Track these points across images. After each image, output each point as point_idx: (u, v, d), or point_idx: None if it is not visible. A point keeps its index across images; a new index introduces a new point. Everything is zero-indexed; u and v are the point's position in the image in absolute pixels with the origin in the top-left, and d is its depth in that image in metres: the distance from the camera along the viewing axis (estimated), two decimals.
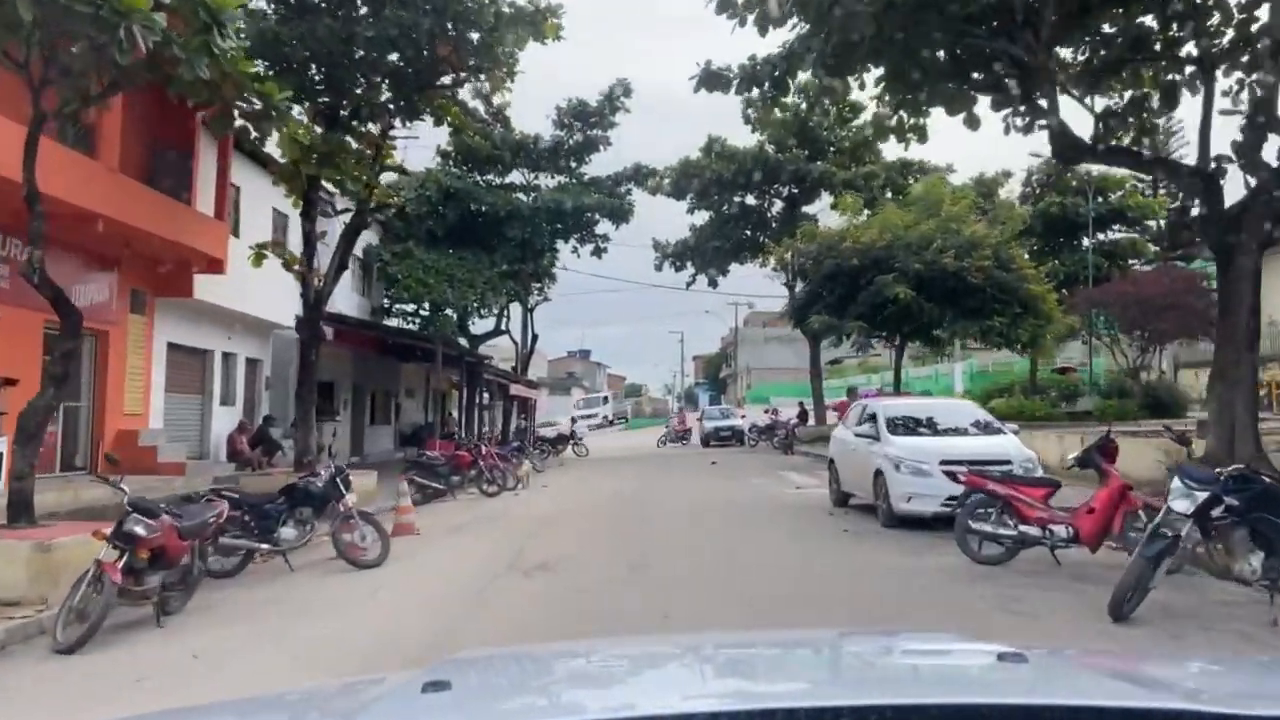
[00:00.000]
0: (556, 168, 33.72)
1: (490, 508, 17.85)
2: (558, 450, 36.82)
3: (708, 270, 39.76)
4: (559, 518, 15.57)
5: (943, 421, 13.70)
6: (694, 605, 8.54)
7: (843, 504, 15.18)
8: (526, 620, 8.13)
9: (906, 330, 24.84)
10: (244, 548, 10.75)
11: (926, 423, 13.66)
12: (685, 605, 8.49)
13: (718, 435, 41.26)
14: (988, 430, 13.36)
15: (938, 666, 2.10)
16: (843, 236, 24.52)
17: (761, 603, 8.59)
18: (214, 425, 21.26)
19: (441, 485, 20.15)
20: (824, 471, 23.68)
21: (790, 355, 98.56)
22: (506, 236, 30.84)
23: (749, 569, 10.39)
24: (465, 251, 30.20)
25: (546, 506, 17.63)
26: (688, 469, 27.41)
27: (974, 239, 23.40)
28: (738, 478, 23.01)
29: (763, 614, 8.01)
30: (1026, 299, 23.57)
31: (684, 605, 8.49)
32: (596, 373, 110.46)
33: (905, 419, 13.68)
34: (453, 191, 30.02)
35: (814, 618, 7.95)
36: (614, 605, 8.65)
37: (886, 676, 2.04)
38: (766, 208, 39.24)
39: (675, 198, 39.35)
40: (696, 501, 17.26)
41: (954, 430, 13.48)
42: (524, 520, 15.44)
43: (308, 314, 17.16)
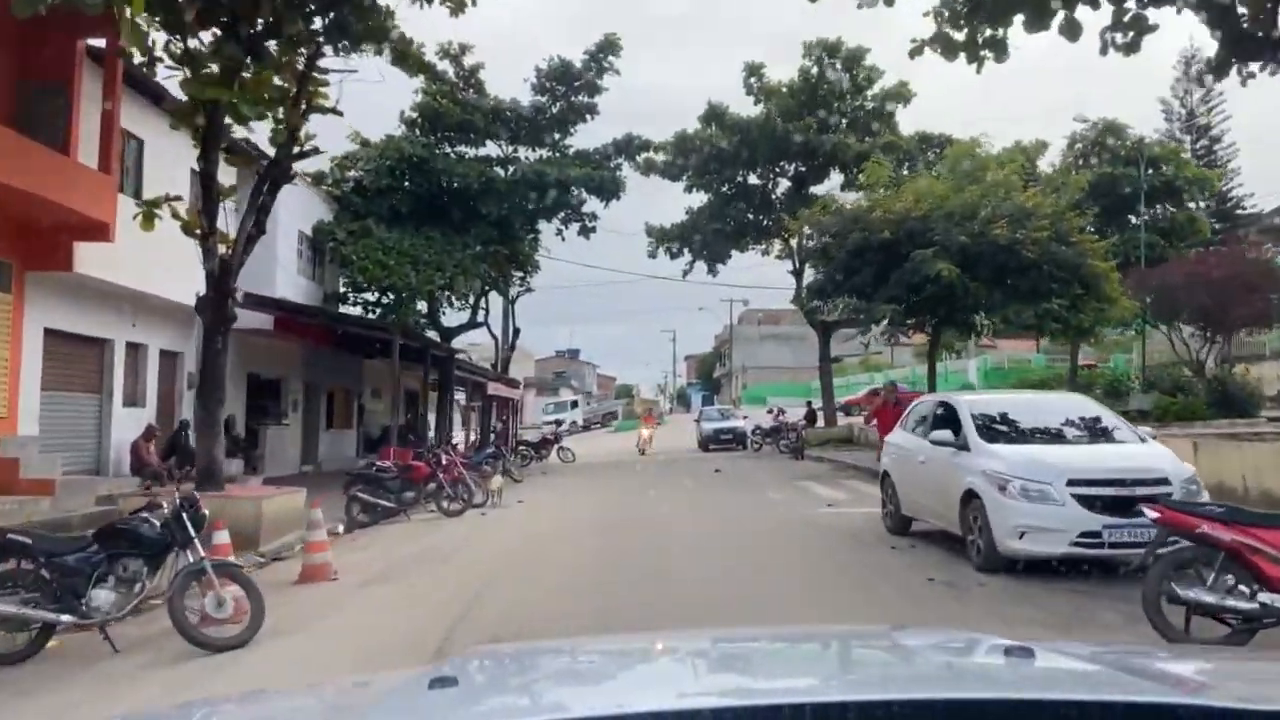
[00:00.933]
0: (538, 140, 29.98)
1: (447, 534, 14.13)
2: (541, 455, 33.20)
3: (706, 257, 36.05)
4: (531, 553, 11.85)
5: (1053, 422, 10.03)
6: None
7: (903, 531, 11.54)
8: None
9: (946, 315, 21.18)
10: (35, 619, 7.04)
11: (1030, 424, 9.98)
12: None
13: (717, 438, 37.54)
14: (1119, 436, 9.68)
15: (945, 662, 2.07)
16: (872, 206, 20.84)
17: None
18: (115, 431, 17.48)
19: (392, 503, 16.47)
20: (853, 483, 20.07)
21: (787, 354, 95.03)
22: (480, 214, 27.11)
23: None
24: (433, 231, 26.45)
25: (517, 533, 13.92)
26: (687, 477, 23.71)
27: (1028, 207, 19.77)
28: (750, 490, 19.32)
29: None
30: (1088, 278, 19.98)
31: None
32: (586, 372, 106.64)
33: (1001, 419, 10.00)
34: (417, 162, 26.25)
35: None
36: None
37: (894, 672, 2.02)
38: (771, 188, 35.56)
39: (670, 178, 35.72)
40: (707, 526, 13.56)
41: (1072, 435, 9.81)
42: (484, 556, 11.72)
43: (211, 290, 13.40)
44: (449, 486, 16.95)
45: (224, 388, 13.96)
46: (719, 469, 25.61)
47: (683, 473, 25.64)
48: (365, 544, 13.50)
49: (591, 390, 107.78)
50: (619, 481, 23.68)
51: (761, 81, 32.97)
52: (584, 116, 29.81)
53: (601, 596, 8.80)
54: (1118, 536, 8.20)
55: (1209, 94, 37.43)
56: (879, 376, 68.52)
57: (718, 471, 25.05)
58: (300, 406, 26.36)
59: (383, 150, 26.03)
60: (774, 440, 34.82)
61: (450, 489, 16.94)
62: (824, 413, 36.03)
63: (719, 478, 23.17)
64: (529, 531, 13.89)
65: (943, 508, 10.06)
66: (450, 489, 16.94)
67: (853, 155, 29.84)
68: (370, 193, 26.48)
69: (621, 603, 8.47)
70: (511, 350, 38.38)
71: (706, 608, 8.13)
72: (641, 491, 20.19)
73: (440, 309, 29.19)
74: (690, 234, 35.61)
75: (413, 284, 23.97)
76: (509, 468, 25.07)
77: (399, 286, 23.81)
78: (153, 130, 16.76)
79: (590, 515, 15.63)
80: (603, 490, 20.90)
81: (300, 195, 24.08)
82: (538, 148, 30.22)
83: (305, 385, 26.78)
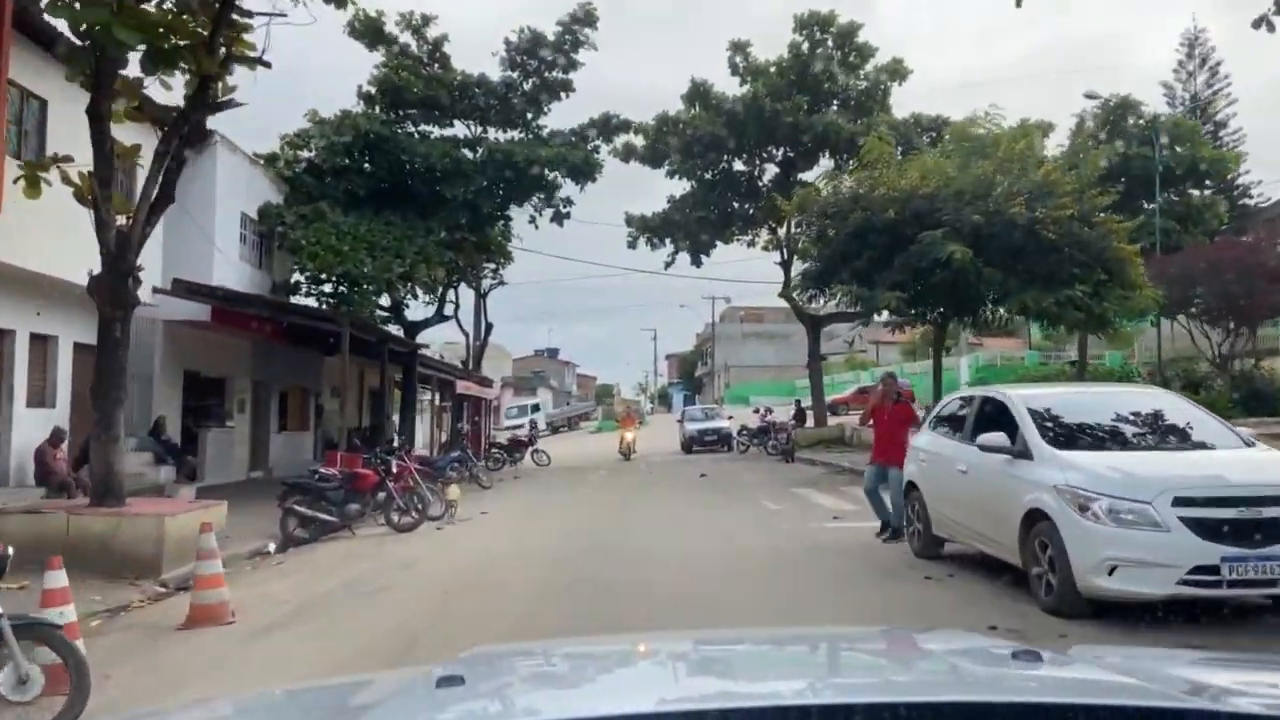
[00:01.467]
0: (509, 119, 27.84)
1: (391, 555, 12.01)
2: (514, 459, 31.11)
3: (689, 247, 34.00)
4: (485, 585, 9.74)
5: (1132, 422, 8.01)
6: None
7: (934, 554, 9.56)
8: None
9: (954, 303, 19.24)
10: None
11: (1104, 425, 7.98)
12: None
13: (701, 439, 35.58)
14: (1218, 440, 7.68)
15: (951, 665, 2.05)
16: (874, 183, 18.84)
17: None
18: (16, 435, 15.27)
19: (333, 517, 14.36)
20: (855, 490, 18.02)
21: (771, 352, 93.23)
22: (445, 197, 24.96)
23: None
24: (394, 216, 24.29)
25: (473, 556, 11.80)
26: (671, 484, 21.68)
27: (1048, 183, 17.84)
28: (743, 500, 17.30)
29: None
30: (1112, 263, 18.09)
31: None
32: (565, 372, 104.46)
33: (1068, 418, 7.99)
34: (376, 140, 24.08)
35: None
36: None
37: (901, 674, 2.02)
38: (757, 175, 33.56)
39: (651, 164, 33.67)
40: (699, 548, 11.49)
41: (1161, 439, 7.82)
42: (428, 587, 9.62)
43: (106, 268, 11.20)
44: (400, 497, 14.84)
45: (124, 385, 11.71)
46: (705, 473, 23.58)
47: (666, 478, 23.59)
48: (292, 569, 11.37)
49: (571, 390, 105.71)
50: (595, 489, 21.62)
51: (748, 60, 30.97)
52: (558, 94, 27.69)
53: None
54: (1242, 572, 6.24)
55: (1213, 78, 35.78)
56: (866, 375, 66.95)
57: (704, 476, 23.04)
58: (249, 407, 24.13)
59: (337, 126, 23.81)
60: (761, 441, 32.88)
61: (401, 500, 14.83)
62: (814, 412, 34.13)
63: (706, 484, 21.14)
64: (487, 554, 11.78)
65: (993, 530, 8.06)
66: (401, 500, 14.83)
67: (845, 137, 27.86)
68: (325, 174, 24.29)
69: None
70: (483, 346, 36.25)
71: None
72: (620, 501, 18.14)
73: (403, 301, 26.98)
74: (673, 223, 33.56)
75: (368, 272, 21.77)
76: (476, 473, 23.00)
77: (353, 274, 21.62)
78: (59, 91, 14.54)
79: (560, 532, 13.55)
80: (577, 499, 18.82)
81: (243, 173, 21.89)
82: (509, 128, 28.09)
83: (255, 384, 24.55)
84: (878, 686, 1.82)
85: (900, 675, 2.00)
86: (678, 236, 33.22)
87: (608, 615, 7.72)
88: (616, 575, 9.70)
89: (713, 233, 33.57)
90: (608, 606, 8.16)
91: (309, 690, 2.32)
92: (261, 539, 13.86)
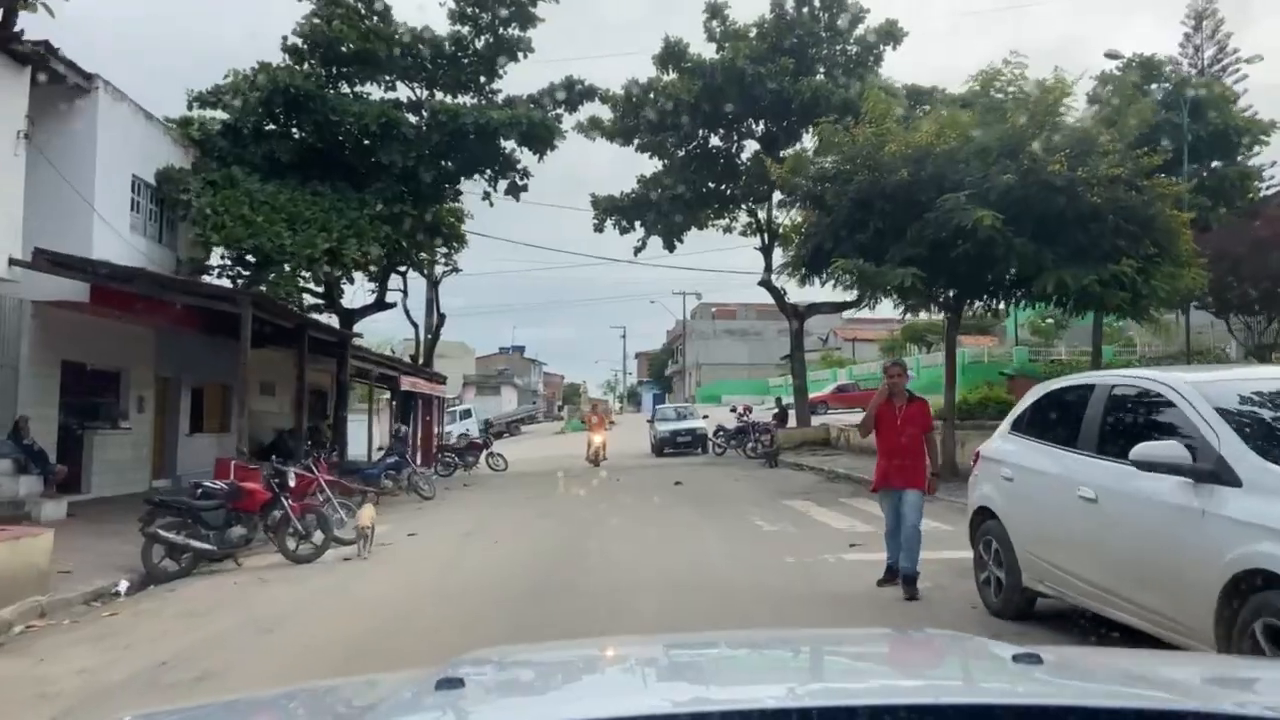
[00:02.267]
0: (459, 82, 24.69)
1: (256, 607, 8.83)
2: (467, 463, 27.98)
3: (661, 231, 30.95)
4: (377, 653, 6.59)
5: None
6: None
7: (1024, 613, 6.61)
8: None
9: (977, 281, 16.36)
10: None
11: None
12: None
13: (674, 441, 32.54)
14: None
15: (951, 667, 2.06)
16: (881, 140, 15.89)
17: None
18: None
19: (210, 544, 11.23)
20: (860, 503, 15.15)
21: (743, 350, 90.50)
22: (382, 165, 21.76)
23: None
24: (323, 185, 21.07)
25: (373, 606, 8.64)
26: (643, 495, 18.64)
27: (1090, 137, 15.01)
28: (728, 516, 14.27)
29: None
30: (1162, 234, 15.30)
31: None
32: (531, 371, 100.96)
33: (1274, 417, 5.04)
34: (299, 97, 20.80)
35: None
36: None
37: (901, 676, 2.01)
38: (736, 152, 30.57)
39: (619, 140, 30.60)
40: (682, 591, 8.41)
41: None
42: (277, 671, 6.47)
43: None
44: (298, 519, 11.68)
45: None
46: (680, 481, 20.58)
47: (637, 487, 20.55)
48: (119, 626, 8.20)
49: (538, 390, 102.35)
50: (554, 501, 18.53)
51: (725, 25, 27.98)
52: (514, 54, 24.55)
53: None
54: None
55: (1221, 51, 33.32)
56: (842, 373, 64.31)
57: (679, 485, 20.04)
58: (150, 406, 20.79)
59: (253, 81, 20.52)
60: (740, 443, 29.95)
61: (300, 522, 11.67)
62: (796, 411, 31.26)
63: (684, 494, 18.13)
64: (394, 603, 8.65)
65: (1154, 595, 5.10)
66: (300, 522, 11.67)
67: (836, 104, 24.92)
68: (246, 138, 21.02)
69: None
70: (435, 339, 33.03)
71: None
72: (582, 518, 15.05)
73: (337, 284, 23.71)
74: (643, 204, 30.48)
75: (287, 247, 18.52)
76: (416, 482, 19.84)
77: (266, 250, 18.35)
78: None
79: (502, 565, 10.46)
80: (530, 515, 15.73)
81: (136, 129, 18.53)
82: (459, 93, 24.93)
83: (159, 379, 21.21)
84: (878, 688, 1.81)
85: (900, 677, 1.98)
86: (649, 219, 30.14)
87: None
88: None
89: (687, 215, 30.49)
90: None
91: (308, 691, 2.26)
92: (118, 573, 10.76)
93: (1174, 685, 1.73)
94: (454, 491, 22.06)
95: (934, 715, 1.39)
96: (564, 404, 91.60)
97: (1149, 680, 1.75)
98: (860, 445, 27.62)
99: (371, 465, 19.74)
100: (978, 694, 1.63)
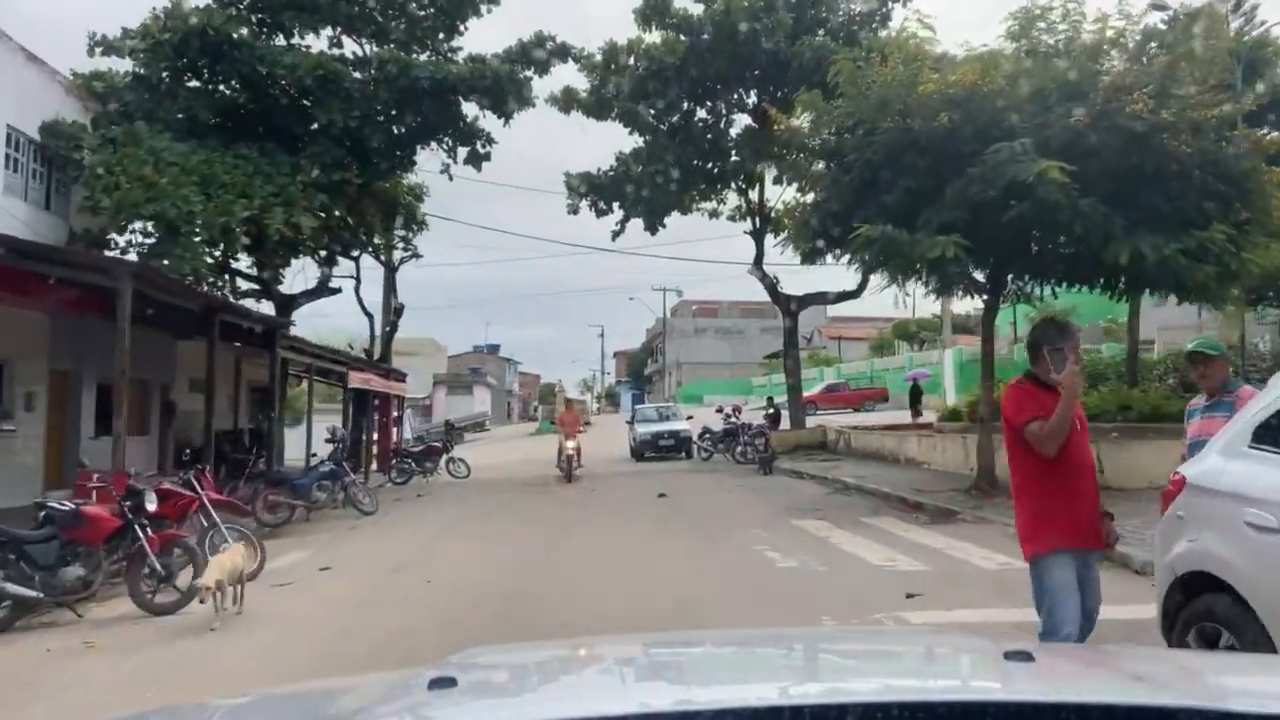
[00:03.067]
0: (414, 36, 21.66)
1: (52, 691, 5.86)
2: (426, 470, 24.99)
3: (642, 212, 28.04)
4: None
5: None
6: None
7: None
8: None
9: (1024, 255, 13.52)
10: None
11: None
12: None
13: (655, 444, 29.63)
14: None
15: (943, 664, 2.00)
16: (913, 79, 13.00)
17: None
18: None
19: (33, 590, 8.25)
20: (887, 524, 12.29)
21: (725, 349, 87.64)
22: (320, 124, 18.74)
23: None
24: (252, 148, 18.01)
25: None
26: (621, 511, 15.73)
27: (1172, 75, 12.21)
28: (728, 541, 11.35)
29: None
30: (1255, 195, 12.55)
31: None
32: (506, 370, 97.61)
33: None
34: (219, 42, 17.70)
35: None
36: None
37: (894, 674, 1.94)
38: (725, 126, 27.70)
39: (595, 114, 27.69)
40: None
41: None
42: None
43: None
44: (155, 555, 8.66)
45: None
46: (664, 493, 17.66)
47: (613, 500, 17.62)
48: None
49: (513, 390, 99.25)
50: (514, 517, 15.55)
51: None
52: (477, 7, 21.56)
53: None
54: None
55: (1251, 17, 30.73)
56: (830, 372, 61.64)
57: (664, 497, 17.15)
58: (42, 403, 17.64)
59: (163, 23, 17.41)
60: (728, 447, 27.11)
61: (158, 560, 8.65)
62: (790, 412, 28.44)
63: (670, 509, 15.25)
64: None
65: None
66: (158, 560, 8.65)
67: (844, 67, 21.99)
68: (159, 92, 17.93)
69: None
70: (392, 331, 29.95)
71: None
72: (546, 542, 12.07)
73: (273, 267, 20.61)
74: (622, 183, 27.53)
75: (196, 214, 15.44)
76: (354, 495, 16.82)
77: (170, 217, 15.25)
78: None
79: (424, 625, 7.48)
80: (482, 539, 12.78)
81: (9, 70, 15.40)
82: (414, 50, 21.89)
83: (55, 373, 18.06)
84: (869, 686, 1.79)
85: (894, 674, 1.94)
86: (628, 199, 27.20)
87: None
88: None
89: (669, 199, 27.53)
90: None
91: (300, 691, 2.23)
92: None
93: (1165, 682, 1.69)
94: (403, 504, 19.08)
95: (925, 713, 1.33)
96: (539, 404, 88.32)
97: (1141, 678, 1.70)
98: (865, 450, 24.80)
99: (301, 475, 16.68)
100: (969, 691, 1.61)
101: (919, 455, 20.47)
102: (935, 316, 62.63)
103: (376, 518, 16.51)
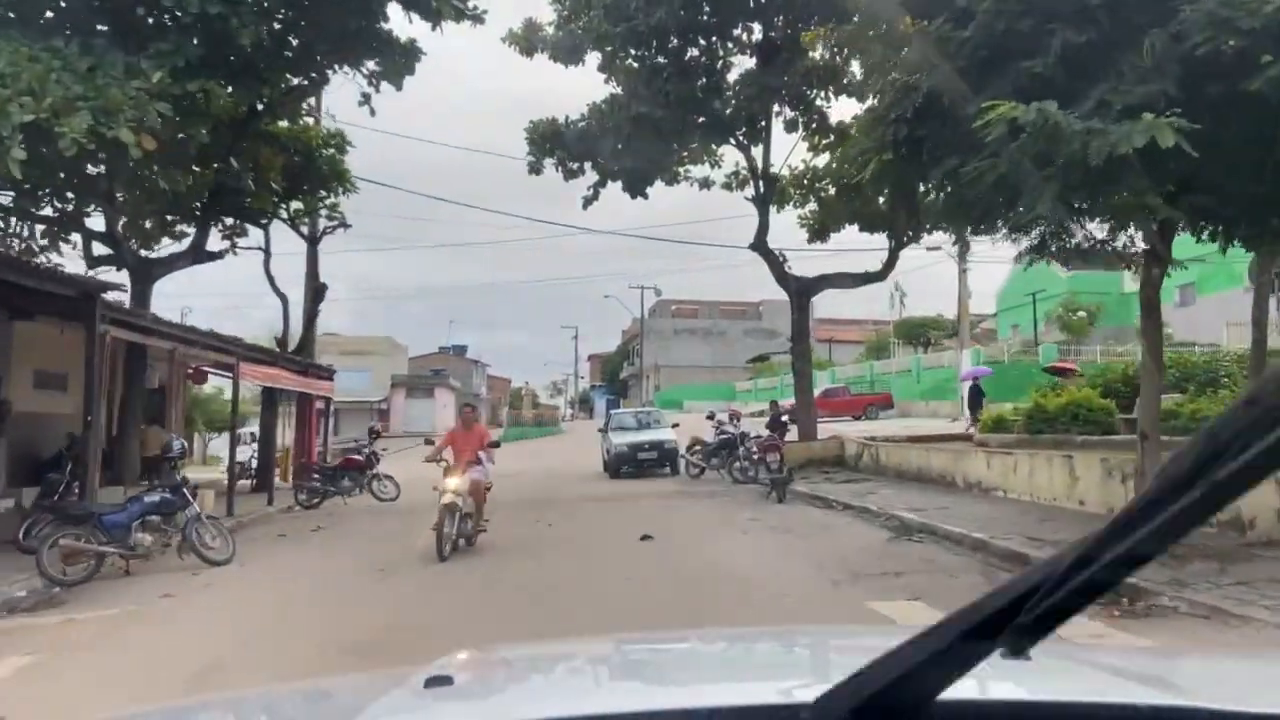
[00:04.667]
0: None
1: None
2: (344, 490, 19.70)
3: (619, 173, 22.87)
4: None
5: None
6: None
7: None
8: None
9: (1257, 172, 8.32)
10: None
11: None
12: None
13: (635, 458, 24.36)
14: None
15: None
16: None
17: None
18: None
19: None
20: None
21: (705, 351, 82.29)
22: (175, 17, 13.35)
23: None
24: (69, 39, 12.60)
25: None
26: (585, 578, 10.44)
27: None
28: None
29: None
30: None
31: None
32: (474, 372, 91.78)
33: None
34: None
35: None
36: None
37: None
38: (723, 68, 22.47)
39: (565, 61, 22.51)
40: None
41: None
42: None
43: None
44: None
45: None
46: (649, 535, 12.35)
47: (575, 549, 12.30)
48: None
49: (481, 393, 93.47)
50: (414, 584, 10.15)
51: None
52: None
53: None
54: None
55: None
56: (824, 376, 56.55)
57: (648, 540, 11.92)
58: None
59: None
60: (724, 461, 21.86)
61: None
62: (799, 418, 23.23)
63: (661, 569, 9.97)
64: None
65: None
66: None
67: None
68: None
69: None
70: (313, 316, 24.50)
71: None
72: (457, 636, 6.77)
73: (118, 225, 15.10)
74: (595, 136, 22.28)
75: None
76: (198, 535, 11.40)
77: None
78: None
79: None
80: (339, 636, 7.43)
81: None
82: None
83: None
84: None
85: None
86: (604, 150, 21.95)
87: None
88: None
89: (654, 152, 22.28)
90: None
91: (294, 690, 2.18)
92: None
93: (1161, 682, 1.66)
94: (284, 545, 13.76)
95: (924, 711, 1.24)
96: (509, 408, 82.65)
97: (1137, 677, 1.68)
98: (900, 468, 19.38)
99: (117, 508, 11.23)
100: (966, 689, 1.44)
101: (987, 479, 15.33)
102: (939, 315, 58.07)
103: (230, 569, 11.20)
